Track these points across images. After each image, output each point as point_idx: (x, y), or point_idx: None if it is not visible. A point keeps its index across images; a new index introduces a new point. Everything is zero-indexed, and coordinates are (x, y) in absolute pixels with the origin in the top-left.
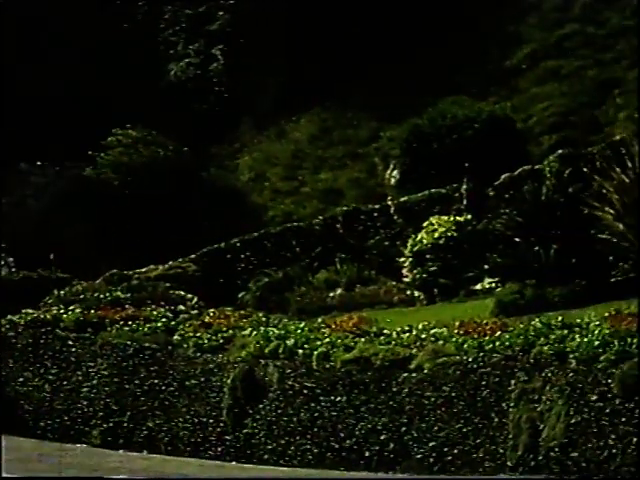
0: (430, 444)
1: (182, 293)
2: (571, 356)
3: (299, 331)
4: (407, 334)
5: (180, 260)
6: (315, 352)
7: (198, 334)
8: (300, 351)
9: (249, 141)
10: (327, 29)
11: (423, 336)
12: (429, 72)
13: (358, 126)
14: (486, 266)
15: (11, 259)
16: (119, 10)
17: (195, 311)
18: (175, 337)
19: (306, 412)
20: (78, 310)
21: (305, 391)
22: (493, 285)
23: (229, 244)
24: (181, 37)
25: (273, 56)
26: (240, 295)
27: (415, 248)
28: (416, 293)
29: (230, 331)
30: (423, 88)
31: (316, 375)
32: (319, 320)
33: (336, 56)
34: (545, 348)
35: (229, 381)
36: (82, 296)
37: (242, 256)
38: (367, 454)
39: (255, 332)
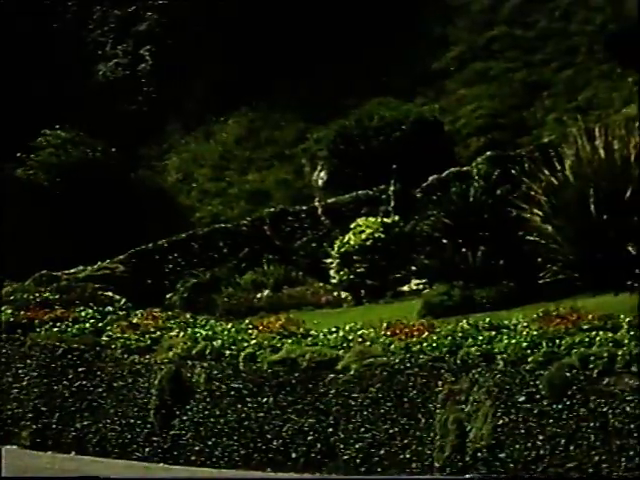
0: (357, 445)
1: (110, 294)
2: (499, 357)
3: (226, 332)
4: (334, 335)
5: (109, 261)
6: (242, 353)
7: (126, 335)
8: (227, 352)
9: (177, 142)
10: (255, 29)
11: (350, 337)
12: (356, 73)
13: (285, 127)
14: (413, 267)
15: None
16: (48, 10)
17: (123, 312)
18: (103, 338)
19: (233, 413)
20: (9, 311)
21: (232, 392)
22: (420, 286)
23: (157, 245)
24: (110, 37)
25: (201, 56)
26: (168, 296)
27: (342, 249)
28: (343, 294)
29: (158, 332)
30: (350, 89)
31: (243, 376)
32: (246, 321)
33: (264, 56)
34: (472, 349)
35: (156, 382)
36: (12, 297)
37: (170, 257)
38: (294, 455)
39: (182, 333)
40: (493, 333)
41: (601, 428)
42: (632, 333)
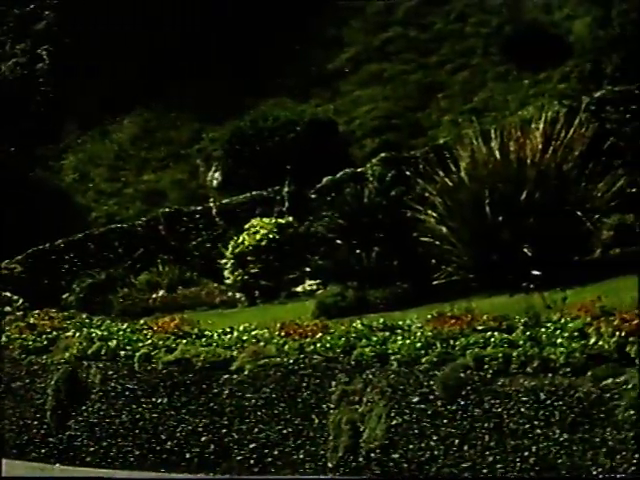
0: (250, 445)
1: (8, 294)
2: (392, 358)
3: (121, 333)
4: (228, 336)
5: (7, 261)
6: (137, 354)
7: (24, 335)
8: (122, 352)
9: (73, 142)
10: (152, 28)
11: (244, 338)
12: (252, 73)
13: (180, 127)
14: (307, 268)
15: None
16: None
17: (21, 312)
18: (2, 339)
19: (128, 414)
20: None
21: (127, 393)
22: (314, 287)
23: (54, 245)
24: (9, 37)
25: (98, 56)
26: (64, 296)
27: (237, 250)
28: (237, 295)
29: (54, 332)
30: (246, 89)
31: (138, 377)
32: (141, 322)
33: (160, 56)
34: (366, 350)
35: (52, 383)
36: None
37: (66, 257)
38: (188, 455)
39: (78, 333)
40: (387, 334)
41: (495, 429)
42: (527, 334)
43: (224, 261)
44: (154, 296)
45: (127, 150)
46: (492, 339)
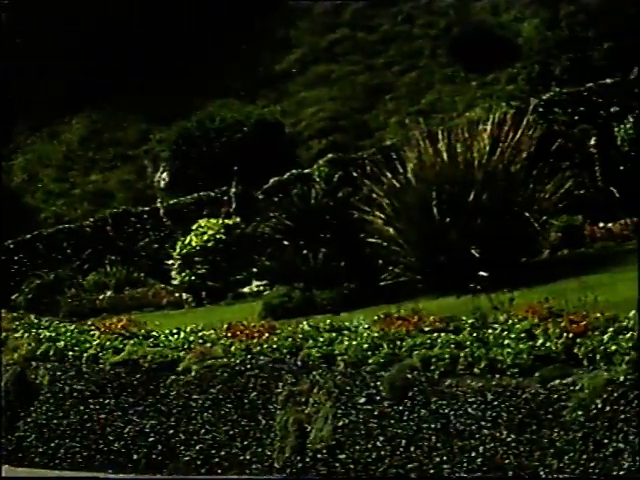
0: (197, 446)
1: None
2: (339, 359)
3: (69, 333)
4: (175, 336)
5: None
6: (85, 354)
7: None
8: (70, 353)
9: (23, 142)
10: (100, 30)
11: (191, 339)
12: (199, 74)
13: (128, 128)
14: (254, 269)
15: None
16: None
17: None
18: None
19: (76, 414)
20: None
21: (75, 394)
22: (261, 288)
23: (2, 246)
24: None
25: (48, 57)
26: (14, 297)
27: (184, 251)
28: (184, 295)
29: (3, 333)
30: (193, 90)
31: (86, 377)
32: (89, 322)
33: (108, 57)
34: (313, 351)
35: (2, 384)
36: None
37: (15, 258)
38: (135, 456)
39: (27, 334)
40: (334, 335)
41: (442, 429)
42: (474, 335)
43: (171, 262)
44: (101, 297)
45: (75, 151)
46: (439, 340)
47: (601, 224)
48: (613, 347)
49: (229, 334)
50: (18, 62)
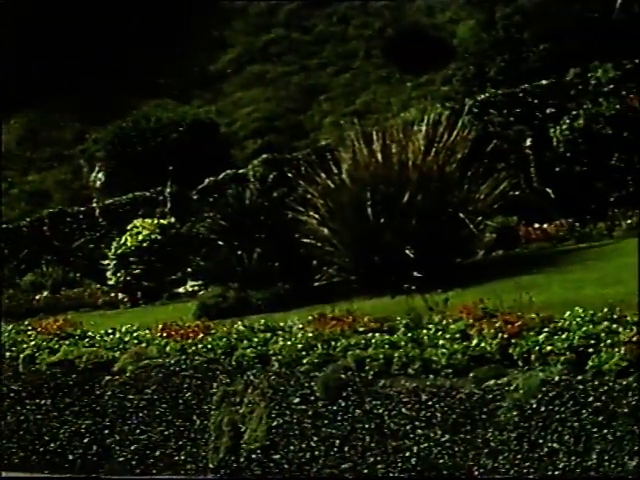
0: (132, 447)
1: None
2: (274, 359)
3: (6, 334)
4: (110, 337)
5: None
6: (21, 355)
7: None
8: (7, 354)
9: None
10: (36, 29)
11: (126, 339)
12: (135, 74)
13: (64, 127)
14: (189, 269)
15: None
16: None
17: None
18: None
19: (12, 415)
20: None
21: (12, 394)
22: (196, 288)
23: None
24: None
25: None
26: None
27: (119, 251)
28: (120, 295)
29: None
30: (128, 90)
31: (22, 378)
32: (26, 323)
33: (43, 56)
34: (248, 351)
35: None
36: None
37: None
38: (71, 457)
39: None
40: (268, 335)
41: (376, 429)
42: (409, 335)
43: (107, 262)
44: (38, 297)
45: (12, 150)
46: (373, 340)
47: (536, 225)
48: (548, 347)
49: (164, 334)
50: None
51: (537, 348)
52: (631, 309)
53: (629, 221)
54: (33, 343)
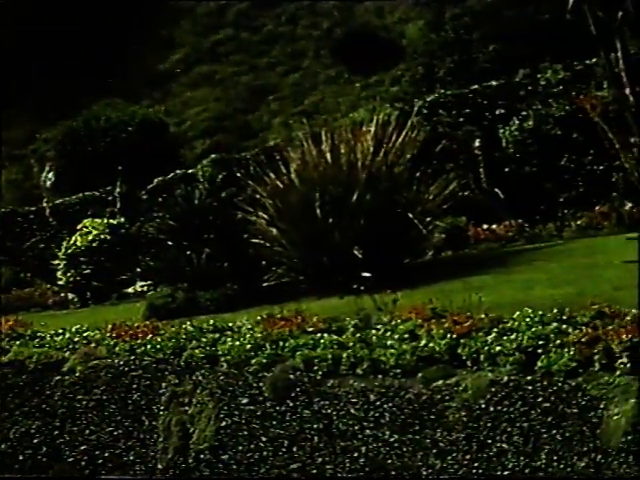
0: (81, 447)
1: None
2: (222, 359)
3: None
4: (60, 337)
5: None
6: None
7: None
8: None
9: None
10: None
11: (76, 339)
12: (85, 73)
13: (14, 127)
14: (139, 269)
15: None
16: None
17: None
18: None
19: None
20: None
21: None
22: (145, 288)
23: None
24: None
25: None
26: None
27: (69, 251)
28: (70, 296)
29: None
30: (78, 89)
31: None
32: None
33: None
34: (196, 351)
35: None
36: None
37: None
38: (21, 458)
39: None
40: (217, 335)
41: (325, 430)
42: (357, 336)
43: (57, 262)
44: None
45: None
46: (322, 341)
47: (485, 225)
48: (497, 348)
49: (113, 334)
50: None
51: (486, 348)
52: (581, 310)
53: (579, 222)
54: None
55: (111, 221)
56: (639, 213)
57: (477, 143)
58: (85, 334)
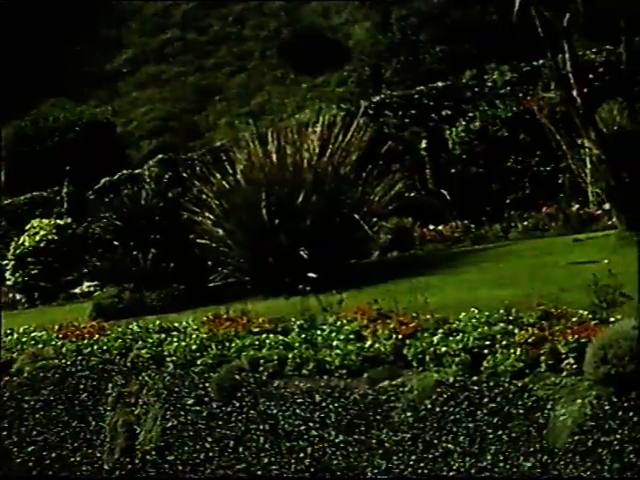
0: (29, 448)
1: None
2: (168, 360)
3: None
4: (9, 337)
5: None
6: None
7: None
8: None
9: None
10: None
11: (24, 340)
12: (33, 73)
13: None
14: (86, 270)
15: None
16: None
17: None
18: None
19: None
20: None
21: None
22: (92, 289)
23: None
24: None
25: None
26: None
27: (17, 251)
28: (18, 296)
29: None
30: (27, 89)
31: None
32: None
33: None
34: (143, 352)
35: None
36: None
37: None
38: None
39: None
40: (163, 336)
41: (270, 430)
42: (303, 336)
43: (5, 262)
44: None
45: None
46: (267, 341)
47: (431, 226)
48: (443, 349)
49: (60, 335)
50: None
51: (432, 349)
52: (527, 310)
53: (525, 223)
54: None
55: (58, 221)
56: (586, 214)
57: (423, 144)
58: (33, 334)
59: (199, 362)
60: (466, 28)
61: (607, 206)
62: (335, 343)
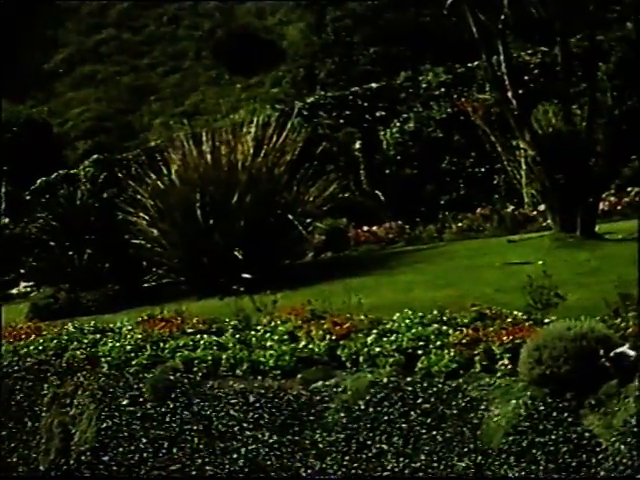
0: None
1: None
2: (103, 360)
3: None
4: None
5: None
6: None
7: None
8: None
9: None
10: None
11: None
12: None
13: None
14: (22, 270)
15: None
16: None
17: None
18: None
19: None
20: None
21: None
22: (28, 289)
23: None
24: None
25: None
26: None
27: None
28: None
29: None
30: None
31: None
32: None
33: None
34: (77, 352)
35: None
36: None
37: None
38: None
39: None
40: (98, 336)
41: (204, 431)
42: (237, 337)
43: None
44: None
45: None
46: (202, 342)
47: (365, 227)
48: (377, 349)
49: None
50: None
51: (365, 350)
52: (462, 311)
53: (459, 224)
54: None
55: None
56: (521, 215)
57: (357, 145)
58: None
59: (134, 363)
60: (400, 30)
61: (542, 207)
62: (269, 344)
